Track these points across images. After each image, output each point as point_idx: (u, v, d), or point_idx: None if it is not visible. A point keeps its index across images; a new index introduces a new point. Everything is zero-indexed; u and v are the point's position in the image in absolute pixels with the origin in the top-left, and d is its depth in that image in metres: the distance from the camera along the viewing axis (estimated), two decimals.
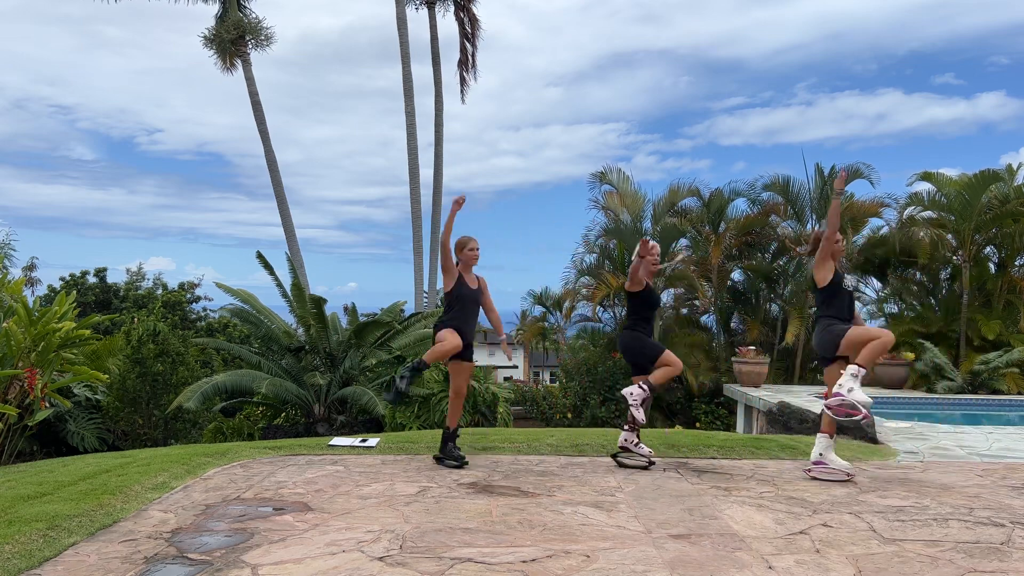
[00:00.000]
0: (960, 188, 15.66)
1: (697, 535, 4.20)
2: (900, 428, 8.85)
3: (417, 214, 22.18)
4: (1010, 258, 16.31)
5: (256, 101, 21.90)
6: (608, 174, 18.91)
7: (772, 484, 5.59)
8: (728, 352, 16.97)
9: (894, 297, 18.05)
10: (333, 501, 4.89)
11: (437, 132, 23.66)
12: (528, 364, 38.77)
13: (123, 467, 5.78)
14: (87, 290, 28.37)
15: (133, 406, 12.97)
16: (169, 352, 13.57)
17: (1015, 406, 12.50)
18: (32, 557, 3.66)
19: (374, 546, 3.93)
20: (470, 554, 3.80)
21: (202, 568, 3.57)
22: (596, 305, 18.17)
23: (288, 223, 21.93)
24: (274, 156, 22.03)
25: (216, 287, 14.82)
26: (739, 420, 13.63)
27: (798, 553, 3.89)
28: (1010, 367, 13.61)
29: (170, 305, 27.40)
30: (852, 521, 4.53)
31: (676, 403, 17.47)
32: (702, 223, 18.23)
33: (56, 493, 4.91)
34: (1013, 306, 15.71)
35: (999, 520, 4.60)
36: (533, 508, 4.76)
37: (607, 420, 15.70)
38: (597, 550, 3.90)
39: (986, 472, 6.24)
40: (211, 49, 21.99)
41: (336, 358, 13.12)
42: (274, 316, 13.94)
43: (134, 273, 30.72)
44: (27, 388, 9.17)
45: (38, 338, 9.25)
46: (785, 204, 17.76)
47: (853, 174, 17.12)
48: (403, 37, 22.02)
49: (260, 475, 5.70)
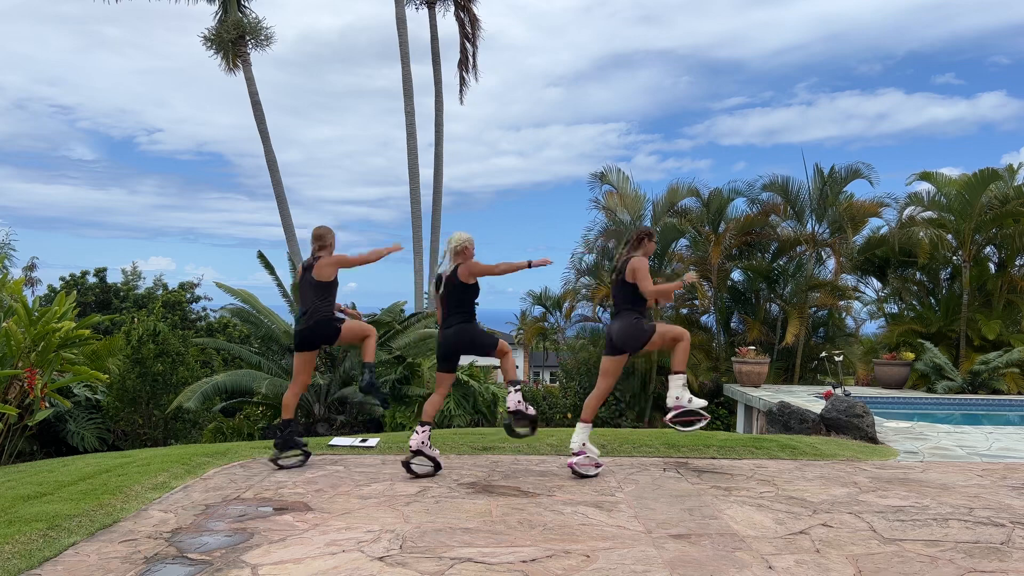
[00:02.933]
0: (960, 188, 15.66)
1: (697, 535, 4.20)
2: (900, 428, 8.85)
3: (417, 214, 22.18)
4: (1010, 258, 16.31)
5: (256, 101, 21.89)
6: (608, 174, 18.90)
7: (772, 484, 5.59)
8: (728, 352, 16.97)
9: (894, 297, 18.05)
10: (333, 501, 4.89)
11: (437, 132, 23.66)
12: (528, 364, 38.74)
13: (123, 467, 5.78)
14: (87, 290, 28.35)
15: (133, 406, 12.97)
16: (169, 352, 13.56)
17: (1015, 406, 12.50)
18: (32, 557, 3.66)
19: (374, 546, 3.93)
20: (470, 554, 3.80)
21: (202, 568, 3.57)
22: (596, 305, 18.17)
23: (288, 223, 21.92)
24: (274, 156, 22.02)
25: (216, 287, 14.82)
26: (739, 420, 13.63)
27: (798, 553, 3.89)
28: (1010, 367, 13.61)
29: (170, 305, 27.38)
30: (852, 521, 4.53)
31: None
32: (702, 223, 18.23)
33: (56, 493, 4.91)
34: (1013, 306, 15.71)
35: (999, 520, 4.60)
36: (533, 508, 4.76)
37: (607, 420, 15.70)
38: (597, 550, 3.90)
39: (986, 472, 6.24)
40: (211, 49, 21.99)
41: (336, 358, 13.12)
42: (274, 316, 13.93)
43: (130, 273, 30.67)
44: (27, 388, 9.17)
45: (38, 338, 9.25)
46: (785, 204, 17.76)
47: (853, 174, 17.13)
48: (403, 37, 22.01)
49: (260, 475, 5.69)
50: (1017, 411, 12.25)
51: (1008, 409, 12.39)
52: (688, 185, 18.37)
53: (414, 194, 22.13)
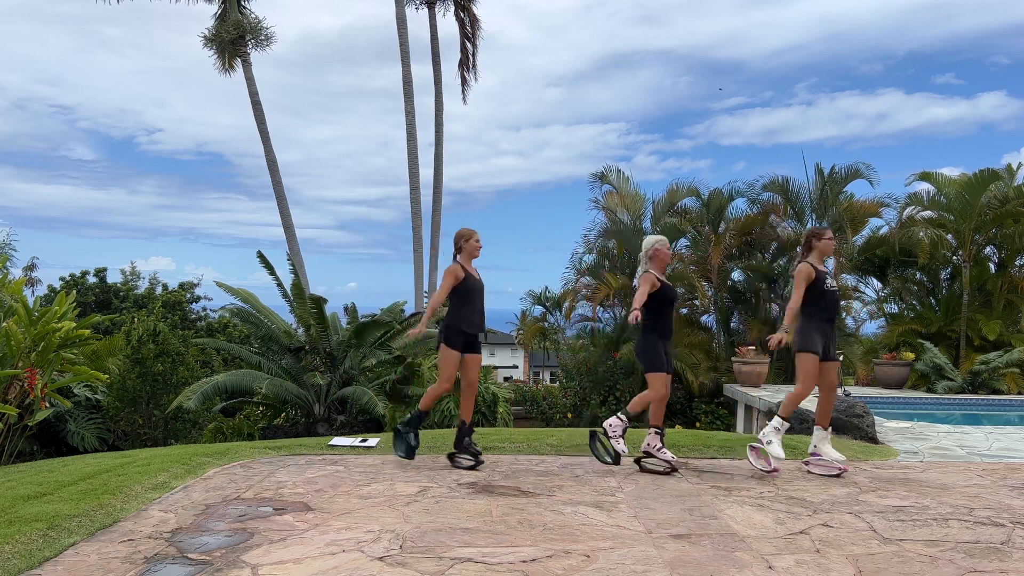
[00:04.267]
0: (960, 188, 15.66)
1: (697, 535, 4.20)
2: (900, 428, 8.85)
3: (417, 214, 22.17)
4: (1010, 258, 16.31)
5: (256, 101, 21.89)
6: (608, 174, 18.90)
7: (772, 484, 5.59)
8: (728, 352, 16.96)
9: (894, 297, 18.05)
10: (333, 501, 4.89)
11: (437, 132, 23.66)
12: (528, 364, 38.73)
13: (123, 467, 5.78)
14: (87, 290, 28.36)
15: (133, 406, 12.96)
16: (169, 352, 13.55)
17: (1015, 406, 12.51)
18: (32, 557, 3.65)
19: (374, 546, 3.93)
20: (470, 554, 3.80)
21: (202, 568, 3.57)
22: (596, 305, 18.15)
23: (288, 223, 21.93)
24: (274, 156, 22.02)
25: (216, 287, 14.81)
26: (739, 420, 13.63)
27: (798, 553, 3.89)
28: (1010, 367, 13.61)
29: (170, 305, 27.38)
30: (852, 521, 4.53)
31: (676, 403, 17.46)
32: (702, 223, 18.22)
33: (56, 493, 4.91)
34: (1013, 306, 15.70)
35: (999, 520, 4.60)
36: (533, 508, 4.76)
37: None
38: (597, 550, 3.90)
39: (986, 472, 6.24)
40: (211, 49, 21.99)
41: (336, 358, 13.11)
42: (274, 316, 13.91)
43: (128, 273, 30.67)
44: (27, 388, 9.16)
45: (38, 338, 9.24)
46: (785, 204, 17.76)
47: (853, 174, 17.12)
48: (403, 37, 22.01)
49: (260, 475, 5.70)
50: (1017, 411, 12.25)
51: (1008, 409, 12.40)
52: (688, 185, 18.37)
53: (414, 194, 22.13)
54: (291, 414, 13.44)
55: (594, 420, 15.60)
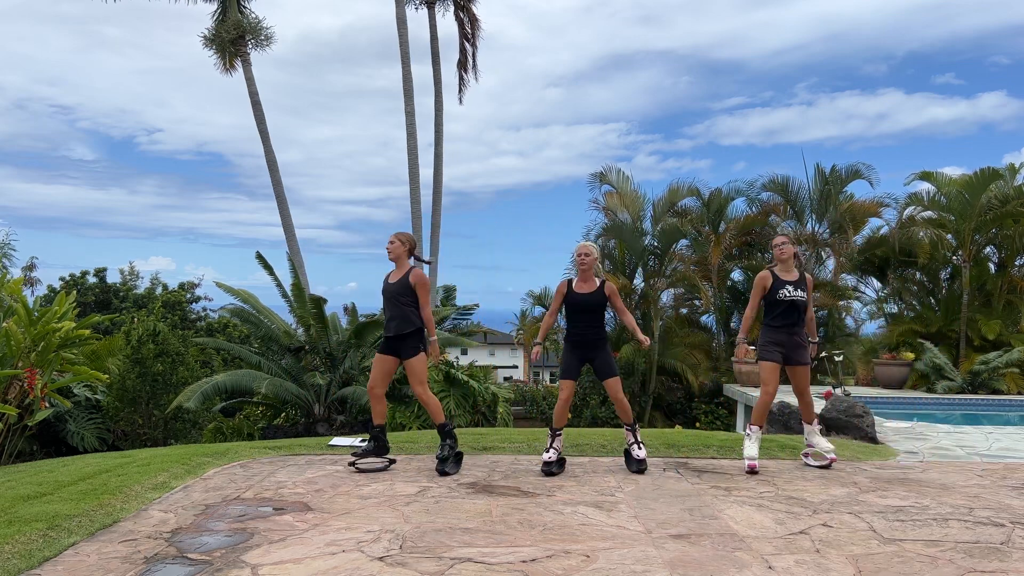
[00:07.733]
0: (960, 188, 15.66)
1: (697, 535, 4.20)
2: (900, 428, 8.85)
3: (417, 214, 22.16)
4: (1010, 258, 16.31)
5: (256, 101, 21.88)
6: (608, 174, 18.91)
7: (772, 484, 5.59)
8: (728, 352, 16.98)
9: (894, 297, 18.05)
10: (333, 501, 4.89)
11: (437, 132, 23.64)
12: (528, 364, 38.74)
13: (123, 467, 5.78)
14: (87, 290, 28.36)
15: (133, 406, 12.96)
16: (169, 352, 13.56)
17: (1015, 406, 12.51)
18: (32, 557, 3.65)
19: (374, 546, 3.93)
20: (470, 554, 3.80)
21: (202, 568, 3.57)
22: None
23: (288, 223, 21.91)
24: (274, 156, 22.01)
25: (216, 287, 14.82)
26: (739, 420, 13.63)
27: (798, 553, 3.89)
28: (1010, 367, 13.62)
29: (170, 305, 27.38)
30: (852, 521, 4.53)
31: (676, 403, 17.47)
32: (702, 223, 18.23)
33: (56, 493, 4.91)
34: (1013, 306, 15.71)
35: (999, 520, 4.60)
36: (533, 508, 4.76)
37: (607, 420, 15.70)
38: (597, 550, 3.90)
39: (986, 472, 6.24)
40: (211, 49, 21.98)
41: (336, 358, 13.12)
42: (274, 316, 13.92)
43: (127, 273, 30.66)
44: (27, 388, 9.16)
45: (38, 338, 9.24)
46: (785, 204, 17.77)
47: (853, 174, 17.13)
48: (403, 37, 21.99)
49: (260, 475, 5.70)
50: (1017, 411, 12.26)
51: (1008, 409, 12.40)
52: (688, 185, 18.38)
53: (414, 194, 22.11)
54: (291, 414, 13.45)
55: (594, 420, 15.60)
